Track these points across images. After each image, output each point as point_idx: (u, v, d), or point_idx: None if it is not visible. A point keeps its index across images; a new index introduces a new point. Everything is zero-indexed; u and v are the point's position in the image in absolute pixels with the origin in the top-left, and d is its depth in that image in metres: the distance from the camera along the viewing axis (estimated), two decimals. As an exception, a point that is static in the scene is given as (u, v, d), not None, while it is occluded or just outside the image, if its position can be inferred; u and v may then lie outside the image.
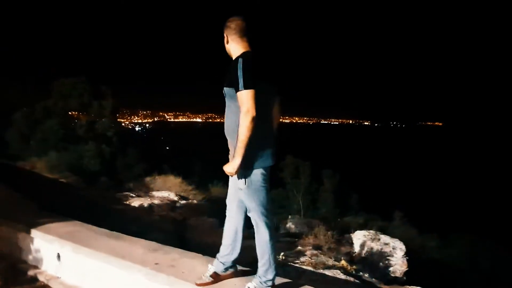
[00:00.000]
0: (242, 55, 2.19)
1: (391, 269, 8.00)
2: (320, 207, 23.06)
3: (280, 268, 5.93)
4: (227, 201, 2.49)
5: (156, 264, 2.66)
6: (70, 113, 19.94)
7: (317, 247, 7.85)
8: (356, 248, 9.05)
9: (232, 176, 2.28)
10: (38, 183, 8.74)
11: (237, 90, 2.11)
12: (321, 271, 6.13)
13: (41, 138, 16.62)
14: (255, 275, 2.32)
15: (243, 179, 2.22)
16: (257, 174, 2.22)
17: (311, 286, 2.49)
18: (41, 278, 3.26)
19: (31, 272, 3.33)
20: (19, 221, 3.64)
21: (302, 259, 6.95)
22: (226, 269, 2.47)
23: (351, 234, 9.58)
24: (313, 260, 6.71)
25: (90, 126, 18.26)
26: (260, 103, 2.11)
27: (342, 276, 6.04)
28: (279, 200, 22.95)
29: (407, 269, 7.92)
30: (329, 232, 7.91)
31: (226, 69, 2.24)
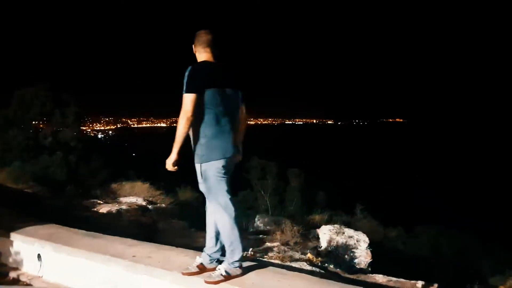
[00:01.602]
0: (195, 63, 2.56)
1: (356, 260, 8.47)
2: (287, 206, 23.52)
3: (262, 263, 6.27)
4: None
5: (134, 256, 2.94)
6: (32, 122, 19.45)
7: (284, 242, 8.22)
8: (322, 242, 9.49)
9: (171, 170, 2.57)
10: (5, 194, 8.65)
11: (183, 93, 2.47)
12: (288, 263, 6.52)
13: (2, 148, 16.18)
14: (225, 259, 2.63)
15: (199, 173, 2.53)
16: (211, 167, 2.50)
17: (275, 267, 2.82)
18: (23, 278, 3.45)
19: (12, 274, 3.51)
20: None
21: (270, 254, 7.30)
22: (212, 261, 2.68)
23: (317, 230, 10.01)
24: (280, 255, 7.08)
25: (54, 136, 17.92)
26: (213, 105, 2.46)
27: (308, 267, 6.44)
28: (248, 201, 23.24)
29: (371, 260, 8.40)
30: (295, 228, 8.30)
31: None
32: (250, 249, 6.89)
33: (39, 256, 3.48)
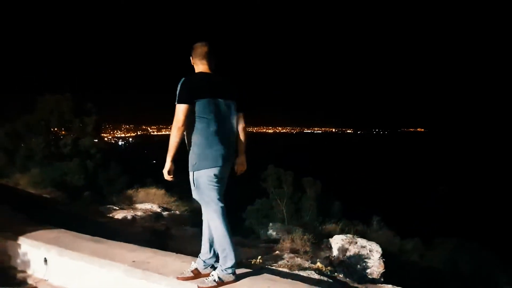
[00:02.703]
0: (189, 75, 2.63)
1: (368, 270, 8.38)
2: (303, 215, 23.40)
3: (257, 271, 6.28)
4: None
5: (133, 261, 3.00)
6: (52, 129, 20.03)
7: (294, 251, 8.21)
8: (335, 252, 9.42)
9: (167, 179, 2.63)
10: (21, 198, 8.91)
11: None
12: (296, 272, 6.50)
13: (24, 155, 16.69)
14: (218, 265, 2.66)
15: (192, 181, 2.60)
16: (203, 175, 2.56)
17: (270, 274, 2.84)
18: (29, 281, 3.55)
19: (20, 277, 3.62)
20: (7, 230, 3.93)
21: (280, 262, 7.30)
22: (207, 267, 2.74)
23: (329, 239, 9.95)
24: (289, 263, 7.07)
25: (74, 143, 18.39)
26: (205, 115, 2.54)
27: (316, 276, 6.41)
28: (264, 210, 23.23)
29: (384, 270, 8.31)
30: (305, 236, 8.29)
31: None
32: (259, 256, 6.89)
33: (45, 259, 3.58)
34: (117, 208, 10.70)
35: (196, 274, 2.69)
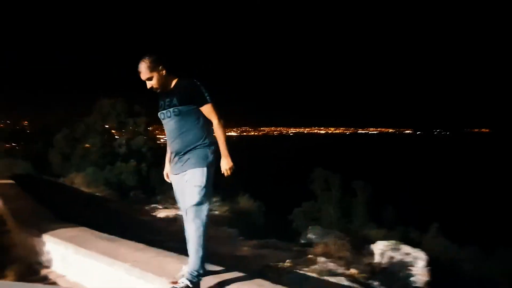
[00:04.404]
0: (195, 79, 2.70)
1: (412, 279, 8.00)
2: (353, 219, 22.80)
3: (285, 275, 6.18)
4: (181, 206, 2.77)
5: (135, 261, 3.07)
6: (108, 131, 21.22)
7: (328, 255, 8.00)
8: (377, 258, 9.09)
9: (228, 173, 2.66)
10: (70, 196, 9.48)
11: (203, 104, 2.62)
12: (325, 277, 6.32)
13: (81, 155, 17.77)
14: (190, 269, 2.55)
15: (203, 177, 2.56)
16: (211, 173, 2.62)
17: (262, 279, 2.76)
18: (50, 276, 3.75)
19: (43, 272, 3.83)
20: (35, 228, 4.19)
21: (312, 267, 7.14)
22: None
23: (371, 245, 9.62)
24: (319, 268, 6.90)
25: (127, 143, 19.36)
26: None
27: (345, 283, 6.20)
28: (311, 213, 22.92)
29: (429, 279, 7.88)
30: (339, 241, 8.06)
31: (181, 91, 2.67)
32: (287, 260, 6.80)
33: (64, 256, 3.76)
34: (161, 207, 11.09)
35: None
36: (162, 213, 10.67)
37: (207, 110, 2.64)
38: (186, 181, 2.61)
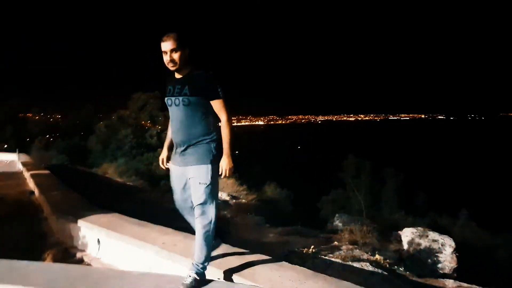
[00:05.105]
0: (208, 70, 2.60)
1: (439, 265, 7.97)
2: (383, 207, 22.62)
3: (310, 260, 6.29)
4: (176, 197, 2.77)
5: (163, 243, 3.26)
6: (140, 123, 21.94)
7: (353, 242, 8.06)
8: (404, 245, 9.06)
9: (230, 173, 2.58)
10: (103, 185, 9.88)
11: (214, 99, 2.54)
12: (349, 263, 6.39)
13: (115, 146, 18.42)
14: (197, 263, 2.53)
15: (208, 174, 2.51)
16: (217, 170, 2.56)
17: (284, 262, 2.89)
18: (86, 259, 4.01)
19: (78, 255, 4.10)
20: (70, 214, 4.47)
21: (336, 253, 7.22)
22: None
23: (399, 232, 9.58)
24: (344, 254, 6.97)
25: (159, 135, 19.98)
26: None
27: (369, 268, 6.25)
28: (340, 200, 22.86)
29: (456, 265, 7.83)
30: (365, 228, 8.08)
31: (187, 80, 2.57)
32: (312, 246, 6.90)
33: (98, 240, 4.02)
34: (189, 196, 11.35)
35: None
36: (191, 202, 10.97)
37: (218, 105, 2.54)
38: (190, 178, 2.55)
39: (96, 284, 2.59)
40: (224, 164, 2.52)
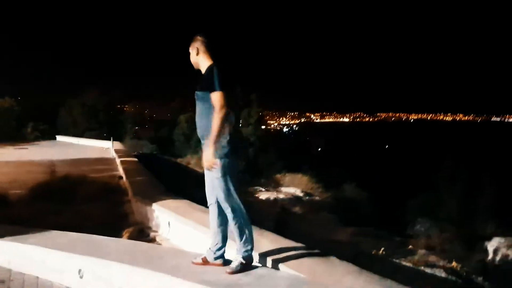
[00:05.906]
0: (216, 64, 2.63)
1: (528, 280, 7.29)
2: (476, 215, 20.86)
3: (378, 262, 6.12)
4: (207, 195, 2.81)
5: (226, 231, 3.46)
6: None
7: (430, 248, 7.65)
8: (490, 255, 8.43)
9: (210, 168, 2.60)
10: (184, 174, 10.54)
11: (212, 91, 2.50)
12: (421, 268, 6.10)
13: (197, 138, 19.61)
14: (239, 250, 2.67)
15: (221, 168, 2.55)
16: (232, 164, 2.59)
17: (335, 257, 2.88)
18: (158, 239, 4.40)
19: (152, 235, 4.50)
20: (148, 198, 4.92)
21: (409, 257, 6.93)
22: (216, 258, 2.79)
23: (486, 241, 8.95)
24: (417, 259, 6.66)
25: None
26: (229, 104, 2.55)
27: (443, 274, 5.91)
28: (428, 204, 21.57)
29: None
30: (444, 235, 7.64)
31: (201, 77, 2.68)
32: (382, 248, 6.70)
33: (169, 223, 4.38)
34: (263, 189, 11.68)
35: (205, 262, 2.80)
36: (263, 195, 11.23)
37: (213, 97, 2.49)
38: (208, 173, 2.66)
39: (160, 259, 2.87)
40: (205, 154, 2.53)
